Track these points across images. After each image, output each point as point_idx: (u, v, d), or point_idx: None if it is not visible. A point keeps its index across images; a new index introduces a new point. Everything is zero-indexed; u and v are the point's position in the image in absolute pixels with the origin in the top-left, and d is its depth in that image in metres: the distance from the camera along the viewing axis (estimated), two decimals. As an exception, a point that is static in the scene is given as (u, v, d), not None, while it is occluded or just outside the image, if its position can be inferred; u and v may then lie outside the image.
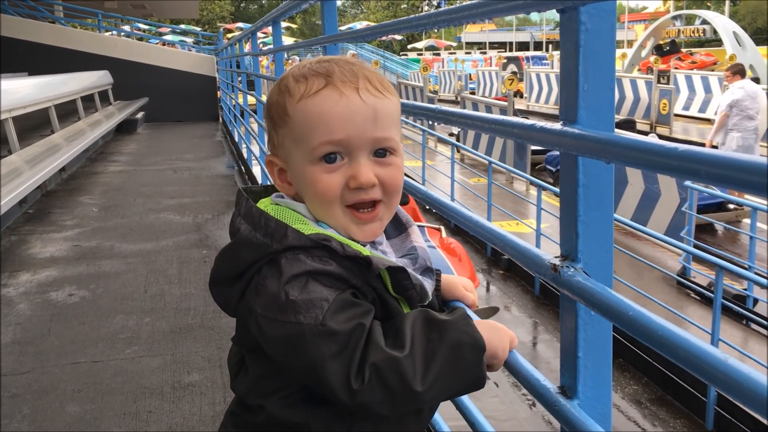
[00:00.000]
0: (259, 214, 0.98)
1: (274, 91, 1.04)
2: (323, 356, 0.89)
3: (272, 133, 1.03)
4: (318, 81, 0.97)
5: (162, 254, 5.05)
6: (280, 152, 1.02)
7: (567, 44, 0.95)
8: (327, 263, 0.93)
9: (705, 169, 0.66)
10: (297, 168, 0.99)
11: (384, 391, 0.89)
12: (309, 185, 0.98)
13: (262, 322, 0.92)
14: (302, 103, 0.97)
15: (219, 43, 16.98)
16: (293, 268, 0.92)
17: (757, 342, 5.71)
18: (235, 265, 0.97)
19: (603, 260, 0.98)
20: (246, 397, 1.02)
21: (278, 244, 0.94)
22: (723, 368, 0.64)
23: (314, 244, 0.94)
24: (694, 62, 26.40)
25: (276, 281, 0.92)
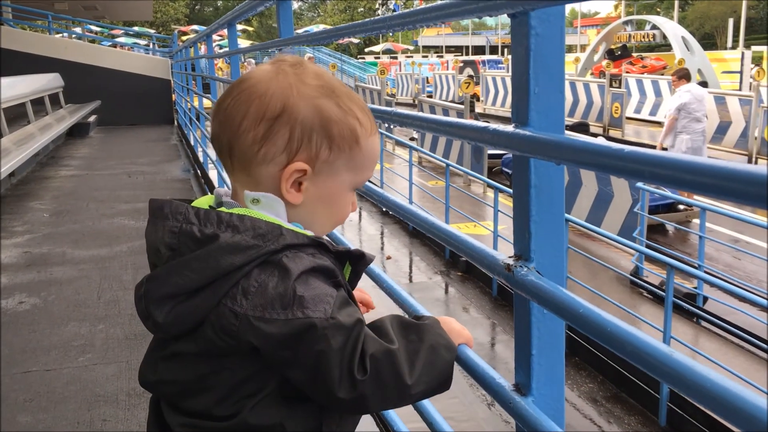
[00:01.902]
0: (239, 217, 0.95)
1: (332, 106, 1.01)
2: (331, 348, 0.91)
3: (320, 145, 1.00)
4: (372, 123, 1.08)
5: (116, 260, 4.96)
6: (320, 166, 1.01)
7: (518, 48, 0.97)
8: (323, 259, 0.97)
9: (648, 169, 0.68)
10: (335, 188, 1.04)
11: (380, 383, 0.94)
12: (340, 207, 1.07)
13: (257, 323, 0.90)
14: (371, 140, 1.06)
15: (173, 45, 16.75)
16: (299, 265, 0.93)
17: (707, 339, 5.87)
18: (208, 273, 0.92)
19: (555, 259, 1.00)
20: (214, 410, 0.97)
21: (275, 244, 0.93)
22: (668, 362, 0.67)
23: (310, 242, 0.97)
24: (644, 66, 27.00)
25: (281, 280, 0.91)
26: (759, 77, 14.25)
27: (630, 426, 4.98)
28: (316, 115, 1.00)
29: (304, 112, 1.00)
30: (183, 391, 0.99)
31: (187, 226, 0.96)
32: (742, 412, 0.57)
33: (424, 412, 1.52)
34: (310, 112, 1.00)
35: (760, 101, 14.02)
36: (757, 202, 0.56)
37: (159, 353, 1.02)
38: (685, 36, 22.56)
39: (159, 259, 0.98)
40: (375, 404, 0.95)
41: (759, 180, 0.55)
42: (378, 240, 9.32)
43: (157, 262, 0.99)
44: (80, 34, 20.58)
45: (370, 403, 0.94)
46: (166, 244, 0.96)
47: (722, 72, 23.15)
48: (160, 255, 0.97)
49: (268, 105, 0.99)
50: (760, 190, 0.55)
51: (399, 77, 30.43)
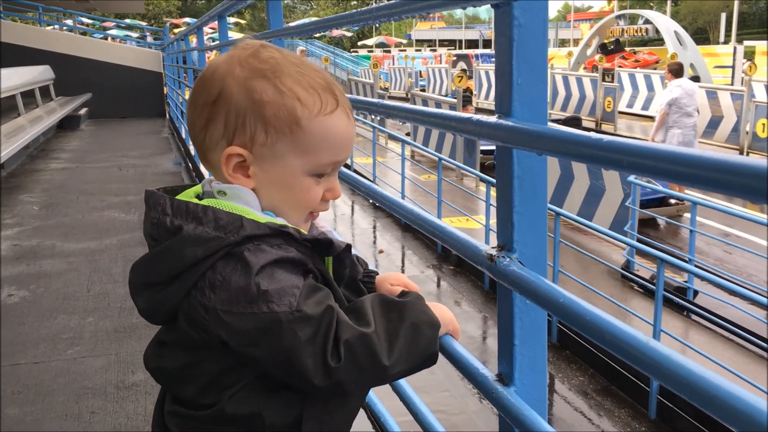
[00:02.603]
0: (203, 208, 0.95)
1: (266, 87, 0.98)
2: (300, 341, 0.90)
3: (255, 128, 0.98)
4: (330, 99, 1.01)
5: (106, 253, 4.95)
6: (259, 150, 0.99)
7: (501, 39, 0.97)
8: (288, 250, 0.95)
9: (627, 159, 0.69)
10: (285, 173, 1.00)
11: (356, 367, 0.93)
12: (296, 193, 1.01)
13: (226, 317, 0.91)
14: (320, 120, 0.99)
15: (165, 38, 16.68)
16: (260, 258, 0.91)
17: (697, 332, 5.90)
18: (175, 264, 0.93)
19: (537, 250, 1.00)
20: (196, 398, 0.99)
21: (234, 236, 0.92)
22: (645, 350, 0.67)
23: (273, 232, 0.95)
24: (637, 61, 27.07)
25: (243, 274, 0.91)
26: (751, 72, 14.30)
27: (620, 419, 5.00)
28: (247, 97, 0.99)
29: (236, 95, 0.99)
30: (170, 379, 1.02)
31: (163, 217, 0.97)
32: (717, 399, 0.58)
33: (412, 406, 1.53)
34: (242, 94, 0.99)
35: (751, 96, 14.07)
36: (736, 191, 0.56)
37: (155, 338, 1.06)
38: (677, 30, 22.59)
39: (149, 249, 1.00)
40: (354, 387, 0.96)
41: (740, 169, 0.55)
42: (370, 234, 9.32)
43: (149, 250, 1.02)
44: (71, 26, 20.46)
45: (348, 387, 0.94)
46: (149, 235, 0.99)
47: (714, 67, 23.21)
48: (148, 245, 1.00)
49: (208, 91, 1.00)
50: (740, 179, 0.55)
51: (392, 71, 30.40)
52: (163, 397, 1.08)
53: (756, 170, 0.52)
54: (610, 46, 28.29)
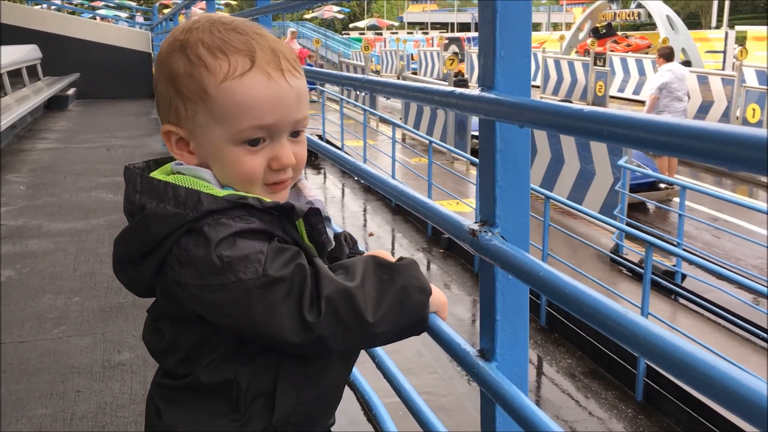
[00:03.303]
0: (164, 185, 0.94)
1: (179, 60, 0.96)
2: (272, 304, 0.90)
3: (177, 104, 0.98)
4: (242, 61, 0.95)
5: (93, 233, 4.92)
6: (186, 124, 0.98)
7: (485, 11, 0.95)
8: (249, 221, 0.93)
9: (607, 129, 0.68)
10: (213, 145, 0.97)
11: (338, 322, 0.92)
12: (229, 165, 0.97)
13: (197, 291, 0.91)
14: (228, 85, 0.94)
15: (154, 17, 16.52)
16: (219, 232, 0.90)
17: (684, 316, 5.94)
18: (143, 242, 0.94)
19: (519, 225, 0.99)
20: (176, 369, 1.01)
21: (194, 212, 0.91)
22: (622, 321, 0.66)
23: (231, 205, 0.93)
24: (629, 45, 27.01)
25: (204, 248, 0.90)
26: (742, 57, 14.32)
27: (607, 401, 5.04)
28: (165, 74, 0.99)
29: (159, 75, 1.00)
30: (155, 351, 1.04)
31: (134, 194, 0.97)
32: (692, 369, 0.57)
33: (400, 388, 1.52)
34: (163, 72, 1.00)
35: (742, 81, 14.09)
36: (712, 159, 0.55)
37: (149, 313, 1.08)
38: (669, 15, 22.56)
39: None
40: (337, 344, 0.94)
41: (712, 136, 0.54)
42: (361, 217, 9.31)
43: None
44: (59, 5, 20.23)
45: (330, 343, 0.93)
46: (126, 211, 1.00)
47: (706, 51, 23.19)
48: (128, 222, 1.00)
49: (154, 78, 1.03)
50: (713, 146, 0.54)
51: (384, 53, 30.24)
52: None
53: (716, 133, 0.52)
54: (602, 31, 28.22)
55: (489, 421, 1.04)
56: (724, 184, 11.09)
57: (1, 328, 3.29)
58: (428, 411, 1.34)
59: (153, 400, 1.05)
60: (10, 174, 7.05)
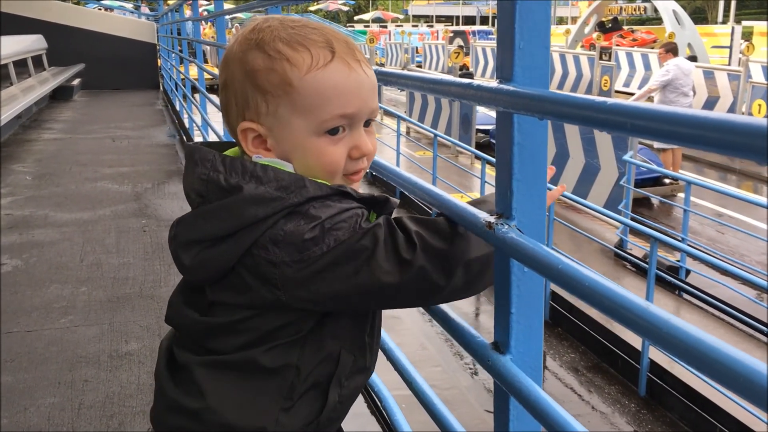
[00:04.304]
0: (263, 168, 0.95)
1: (257, 56, 0.98)
2: (371, 251, 0.92)
3: (256, 100, 0.98)
4: (323, 53, 0.97)
5: (99, 223, 4.93)
6: (266, 120, 0.98)
7: (503, 3, 0.95)
8: (350, 203, 0.97)
9: (630, 121, 0.67)
10: (295, 138, 0.98)
11: (430, 251, 0.95)
12: (312, 157, 0.98)
13: (299, 266, 0.92)
14: (312, 76, 0.96)
15: (159, 8, 16.48)
16: (326, 212, 0.93)
17: (688, 311, 5.94)
18: (233, 223, 0.93)
19: (536, 217, 0.99)
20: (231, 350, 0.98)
21: (298, 197, 0.93)
22: (644, 315, 0.66)
23: (333, 191, 0.96)
24: (635, 40, 26.92)
25: (309, 225, 0.92)
26: (748, 52, 14.25)
27: (610, 395, 5.05)
28: (243, 71, 0.99)
29: (235, 73, 1.00)
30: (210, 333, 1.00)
31: (214, 174, 0.96)
32: (716, 362, 0.57)
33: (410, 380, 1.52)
34: (239, 70, 1.00)
35: (748, 76, 14.04)
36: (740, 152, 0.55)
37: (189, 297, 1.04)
38: (676, 9, 22.45)
39: (191, 205, 1.00)
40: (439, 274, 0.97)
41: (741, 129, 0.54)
42: (364, 209, 9.31)
43: (190, 206, 1.01)
44: (64, -5, 20.21)
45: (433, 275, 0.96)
46: (196, 191, 0.98)
47: (712, 47, 23.11)
48: (191, 200, 1.00)
49: (221, 77, 1.04)
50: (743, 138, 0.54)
51: (388, 46, 30.18)
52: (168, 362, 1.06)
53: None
54: (608, 25, 28.11)
55: (503, 413, 1.04)
56: (728, 179, 11.07)
57: (0, 318, 3.29)
58: (440, 404, 1.34)
59: (191, 377, 1.00)
60: (16, 164, 7.06)
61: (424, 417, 1.39)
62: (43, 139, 8.66)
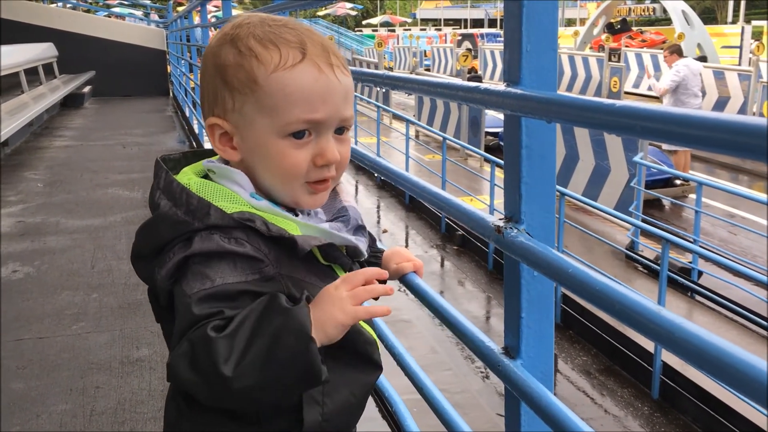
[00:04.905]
0: (180, 190, 0.95)
1: (229, 51, 0.96)
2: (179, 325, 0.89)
3: (224, 95, 0.96)
4: (293, 53, 0.94)
5: (110, 230, 4.95)
6: (232, 117, 0.96)
7: (510, 5, 0.94)
8: (241, 245, 0.91)
9: (640, 124, 0.67)
10: (258, 138, 0.95)
11: (194, 370, 0.86)
12: (273, 158, 0.95)
13: (161, 293, 0.94)
14: (279, 75, 0.93)
15: (169, 15, 16.57)
16: (202, 245, 0.91)
17: (701, 313, 5.89)
18: (153, 241, 0.95)
19: (545, 221, 0.98)
20: None
21: (200, 223, 0.92)
22: (656, 319, 0.65)
23: (236, 224, 0.92)
24: (644, 41, 26.84)
25: (179, 254, 0.92)
26: (758, 52, 14.16)
27: (623, 398, 5.02)
28: (214, 66, 0.99)
29: (208, 67, 1.00)
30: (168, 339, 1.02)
31: (155, 191, 0.99)
32: (730, 367, 0.56)
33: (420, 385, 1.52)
34: (211, 65, 0.99)
35: (759, 76, 13.95)
36: (753, 154, 0.54)
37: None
38: (685, 10, 22.34)
39: None
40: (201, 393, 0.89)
41: (757, 131, 0.53)
42: (374, 214, 9.31)
43: None
44: (75, 3, 20.34)
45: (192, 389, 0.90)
46: (150, 206, 1.00)
47: (722, 47, 22.99)
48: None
49: (200, 71, 1.03)
50: (757, 141, 0.53)
51: (396, 50, 30.19)
52: None
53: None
54: (617, 26, 28.04)
55: (514, 418, 1.04)
56: (740, 180, 11.00)
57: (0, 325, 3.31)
58: (450, 409, 1.34)
59: (175, 400, 1.02)
60: (28, 171, 7.11)
61: (435, 421, 1.39)
62: (55, 146, 8.72)
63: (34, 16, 14.15)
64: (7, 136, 7.04)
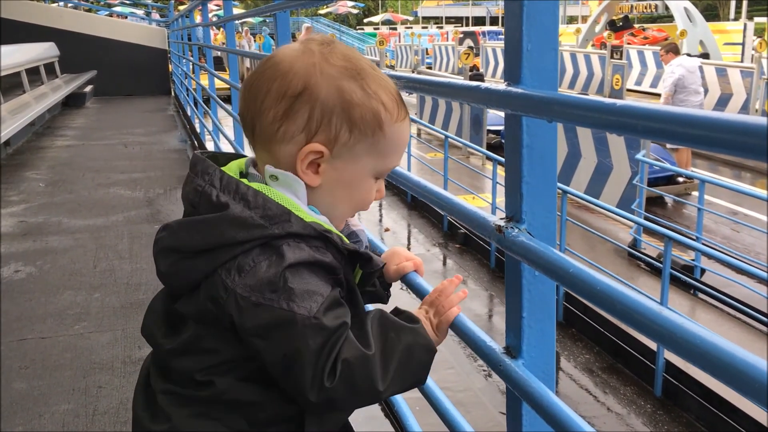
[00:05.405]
0: (254, 193, 0.94)
1: (354, 88, 0.98)
2: (308, 348, 0.89)
3: (339, 128, 0.97)
4: (403, 107, 1.04)
5: (112, 229, 4.95)
6: (337, 149, 0.98)
7: (510, 4, 0.94)
8: (325, 255, 0.95)
9: (642, 123, 0.67)
10: (355, 174, 1.01)
11: (351, 388, 0.91)
12: (359, 193, 1.03)
13: (243, 302, 0.90)
14: (397, 126, 1.01)
15: (170, 14, 16.58)
16: (296, 255, 0.91)
17: (704, 311, 5.88)
18: (211, 240, 0.92)
19: (546, 221, 0.98)
20: (195, 373, 0.97)
21: (279, 229, 0.92)
22: (657, 320, 0.65)
23: (316, 234, 0.94)
24: (646, 38, 26.75)
25: (275, 266, 0.90)
26: (761, 49, 14.13)
27: (625, 396, 5.01)
28: (337, 96, 0.98)
29: (325, 92, 0.97)
30: (175, 348, 0.99)
31: (209, 188, 0.96)
32: (731, 367, 0.56)
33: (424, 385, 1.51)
34: (332, 93, 0.98)
35: (761, 73, 13.91)
36: (754, 154, 0.54)
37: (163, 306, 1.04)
38: (687, 7, 22.29)
39: (184, 213, 1.00)
40: (346, 406, 0.95)
41: (757, 131, 0.53)
42: (376, 212, 9.31)
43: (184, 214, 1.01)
44: (76, 2, 20.35)
45: (339, 405, 0.93)
46: (190, 200, 0.98)
47: (724, 44, 22.92)
48: (185, 208, 1.00)
49: (289, 83, 0.97)
50: (758, 141, 0.53)
51: (398, 48, 30.17)
52: (145, 380, 1.06)
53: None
54: (619, 23, 27.93)
55: (515, 418, 1.03)
56: (743, 177, 10.98)
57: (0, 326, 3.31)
58: (452, 407, 1.33)
59: (152, 408, 1.00)
60: (30, 171, 7.12)
61: (437, 420, 1.39)
62: (56, 146, 8.72)
63: (36, 16, 14.16)
64: (8, 136, 7.06)
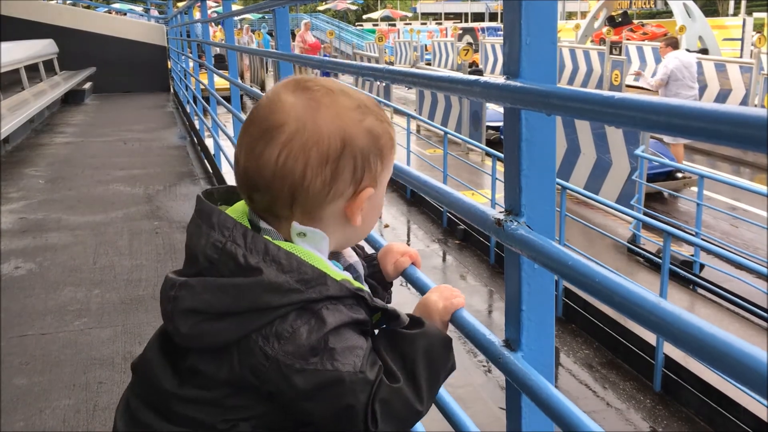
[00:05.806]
0: (287, 255, 0.91)
1: (372, 120, 0.99)
2: (357, 401, 0.90)
3: (376, 163, 0.99)
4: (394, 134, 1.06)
5: (111, 226, 4.95)
6: (375, 182, 1.00)
7: (510, -2, 0.94)
8: (359, 312, 0.95)
9: (641, 116, 0.67)
10: (381, 193, 1.03)
11: (396, 420, 0.94)
12: (378, 209, 1.05)
13: (287, 370, 0.88)
14: (394, 148, 1.04)
15: (169, 11, 16.55)
16: (336, 318, 0.91)
17: (703, 306, 5.89)
18: (242, 304, 0.89)
19: (545, 214, 0.98)
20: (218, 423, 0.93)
21: (317, 293, 0.90)
22: (656, 311, 0.66)
23: (349, 294, 0.94)
24: (645, 33, 26.72)
25: (316, 332, 0.89)
26: (760, 44, 14.12)
27: (625, 391, 5.02)
28: (368, 137, 0.98)
29: (359, 140, 0.97)
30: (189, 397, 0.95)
31: (232, 246, 0.91)
32: (730, 358, 0.57)
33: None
34: (363, 137, 0.97)
35: (760, 69, 13.91)
36: (754, 145, 0.54)
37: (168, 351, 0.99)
38: (686, 2, 22.26)
39: (194, 265, 0.94)
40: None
41: (757, 122, 0.53)
42: (375, 208, 9.31)
43: (191, 264, 0.95)
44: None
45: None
46: (206, 256, 0.92)
47: (723, 39, 22.90)
48: (197, 261, 0.93)
49: (329, 147, 0.94)
50: (758, 132, 0.53)
51: (397, 45, 30.12)
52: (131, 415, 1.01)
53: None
54: (618, 19, 27.92)
55: (515, 411, 1.04)
56: (741, 172, 10.99)
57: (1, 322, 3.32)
58: (452, 402, 1.34)
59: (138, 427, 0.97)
60: (29, 168, 7.11)
61: (437, 415, 1.39)
62: (56, 142, 8.72)
63: (35, 13, 14.13)
64: (7, 133, 7.05)
